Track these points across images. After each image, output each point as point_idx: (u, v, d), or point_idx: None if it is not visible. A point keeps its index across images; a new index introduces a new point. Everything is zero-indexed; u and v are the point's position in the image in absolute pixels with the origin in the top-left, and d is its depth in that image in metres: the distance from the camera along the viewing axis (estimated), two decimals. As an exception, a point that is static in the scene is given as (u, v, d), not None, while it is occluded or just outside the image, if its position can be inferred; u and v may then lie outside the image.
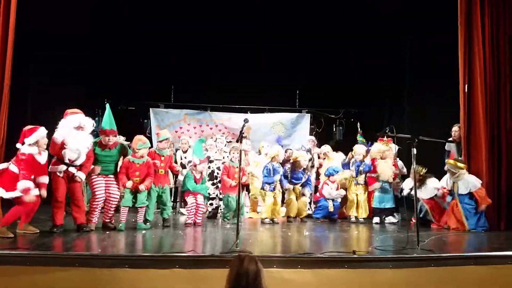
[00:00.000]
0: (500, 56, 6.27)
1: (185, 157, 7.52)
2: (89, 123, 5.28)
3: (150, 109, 10.00)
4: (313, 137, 8.94)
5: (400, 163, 7.00)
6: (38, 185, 4.83)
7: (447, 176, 6.19)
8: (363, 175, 6.88)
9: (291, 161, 6.88)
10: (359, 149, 7.08)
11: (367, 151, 7.14)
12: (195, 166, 6.11)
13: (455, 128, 6.54)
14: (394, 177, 6.70)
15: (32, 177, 4.79)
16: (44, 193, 4.91)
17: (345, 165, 7.02)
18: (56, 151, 5.14)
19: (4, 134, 5.56)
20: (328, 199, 6.83)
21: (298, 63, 9.77)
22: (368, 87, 10.00)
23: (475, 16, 6.20)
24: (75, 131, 5.12)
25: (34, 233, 4.92)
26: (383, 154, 6.64)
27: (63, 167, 5.11)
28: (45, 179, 4.94)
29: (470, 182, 5.90)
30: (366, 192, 6.92)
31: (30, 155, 4.80)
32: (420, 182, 6.30)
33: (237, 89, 9.93)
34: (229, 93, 10.00)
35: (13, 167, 4.78)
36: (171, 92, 10.31)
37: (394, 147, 6.83)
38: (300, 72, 9.90)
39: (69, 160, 5.11)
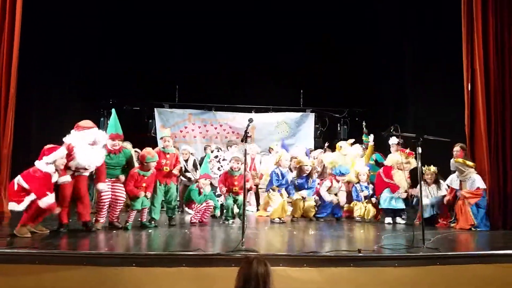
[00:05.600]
0: (504, 50, 6.16)
1: (186, 166, 7.52)
2: (103, 138, 5.27)
3: (155, 109, 10.06)
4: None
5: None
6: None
7: (453, 176, 6.18)
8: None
9: (296, 166, 6.88)
10: (363, 171, 6.98)
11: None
12: (197, 181, 6.28)
13: (456, 148, 6.38)
14: (407, 192, 6.53)
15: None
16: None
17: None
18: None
19: (11, 138, 5.67)
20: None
21: (302, 62, 9.80)
22: (373, 86, 10.02)
23: (477, 9, 6.10)
24: (90, 147, 5.08)
25: (44, 232, 4.94)
26: (402, 165, 6.47)
27: (68, 178, 5.01)
28: (51, 199, 4.83)
29: (476, 179, 5.92)
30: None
31: (46, 173, 4.73)
32: (435, 182, 6.39)
33: (241, 89, 9.98)
34: (233, 93, 10.05)
35: (22, 181, 4.70)
36: (176, 92, 10.35)
37: (414, 162, 6.36)
38: (304, 71, 9.93)
39: (76, 168, 5.09)
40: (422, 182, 4.91)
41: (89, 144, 5.07)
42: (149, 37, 9.54)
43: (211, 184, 6.46)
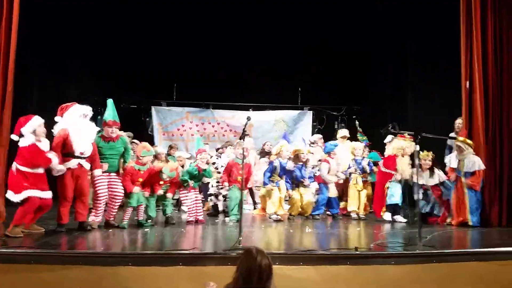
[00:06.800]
0: (502, 48, 6.17)
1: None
2: (90, 110, 5.26)
3: (152, 107, 10.02)
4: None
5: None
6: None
7: (451, 155, 6.16)
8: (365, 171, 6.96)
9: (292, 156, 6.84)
10: (358, 146, 7.12)
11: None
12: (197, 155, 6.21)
13: (458, 121, 6.47)
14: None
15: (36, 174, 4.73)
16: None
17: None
18: (61, 146, 4.97)
19: (8, 135, 5.63)
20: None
21: (300, 64, 9.79)
22: (370, 85, 10.01)
23: (476, 7, 6.10)
24: (81, 121, 5.08)
25: (40, 232, 4.92)
26: (404, 151, 6.44)
27: (75, 161, 4.99)
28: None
29: (476, 161, 5.88)
30: (368, 188, 6.96)
31: (33, 145, 4.69)
32: (430, 169, 6.30)
33: (239, 87, 9.96)
34: (231, 91, 10.03)
35: (17, 166, 4.69)
36: (173, 90, 10.32)
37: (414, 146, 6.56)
38: (302, 69, 9.91)
39: (80, 153, 5.03)
40: (418, 175, 4.92)
41: (80, 116, 5.08)
42: (148, 36, 9.50)
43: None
